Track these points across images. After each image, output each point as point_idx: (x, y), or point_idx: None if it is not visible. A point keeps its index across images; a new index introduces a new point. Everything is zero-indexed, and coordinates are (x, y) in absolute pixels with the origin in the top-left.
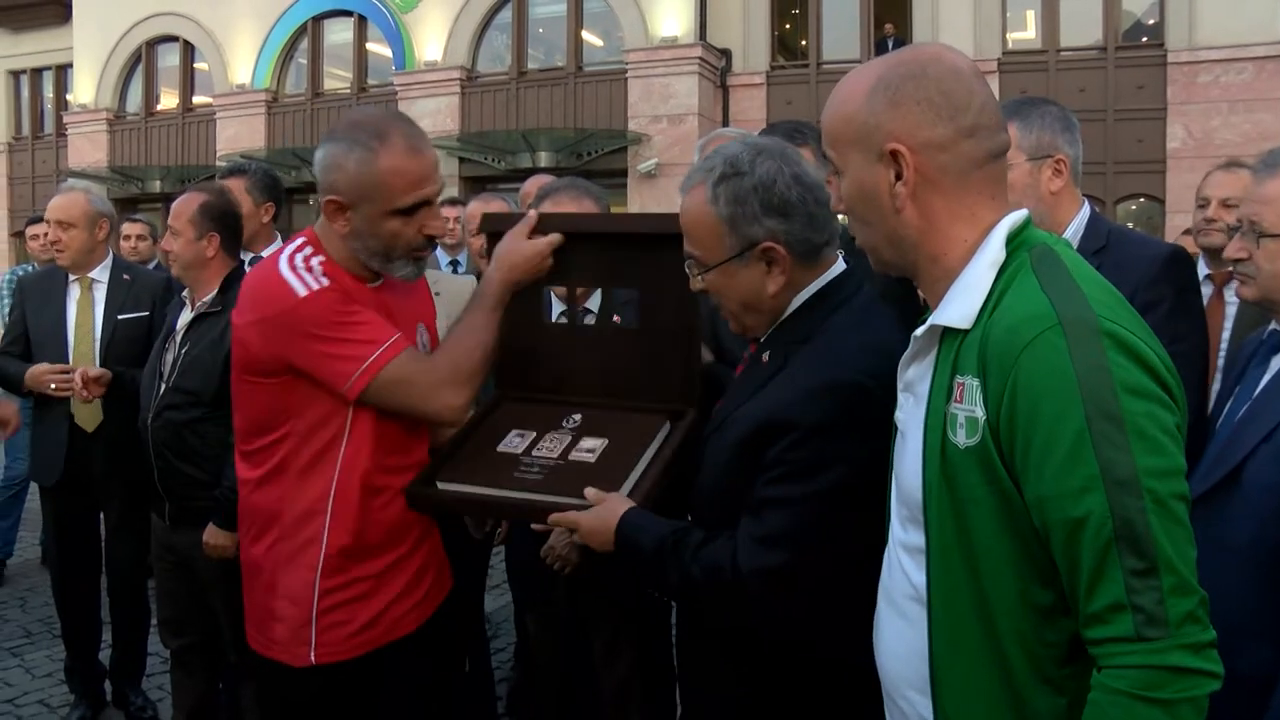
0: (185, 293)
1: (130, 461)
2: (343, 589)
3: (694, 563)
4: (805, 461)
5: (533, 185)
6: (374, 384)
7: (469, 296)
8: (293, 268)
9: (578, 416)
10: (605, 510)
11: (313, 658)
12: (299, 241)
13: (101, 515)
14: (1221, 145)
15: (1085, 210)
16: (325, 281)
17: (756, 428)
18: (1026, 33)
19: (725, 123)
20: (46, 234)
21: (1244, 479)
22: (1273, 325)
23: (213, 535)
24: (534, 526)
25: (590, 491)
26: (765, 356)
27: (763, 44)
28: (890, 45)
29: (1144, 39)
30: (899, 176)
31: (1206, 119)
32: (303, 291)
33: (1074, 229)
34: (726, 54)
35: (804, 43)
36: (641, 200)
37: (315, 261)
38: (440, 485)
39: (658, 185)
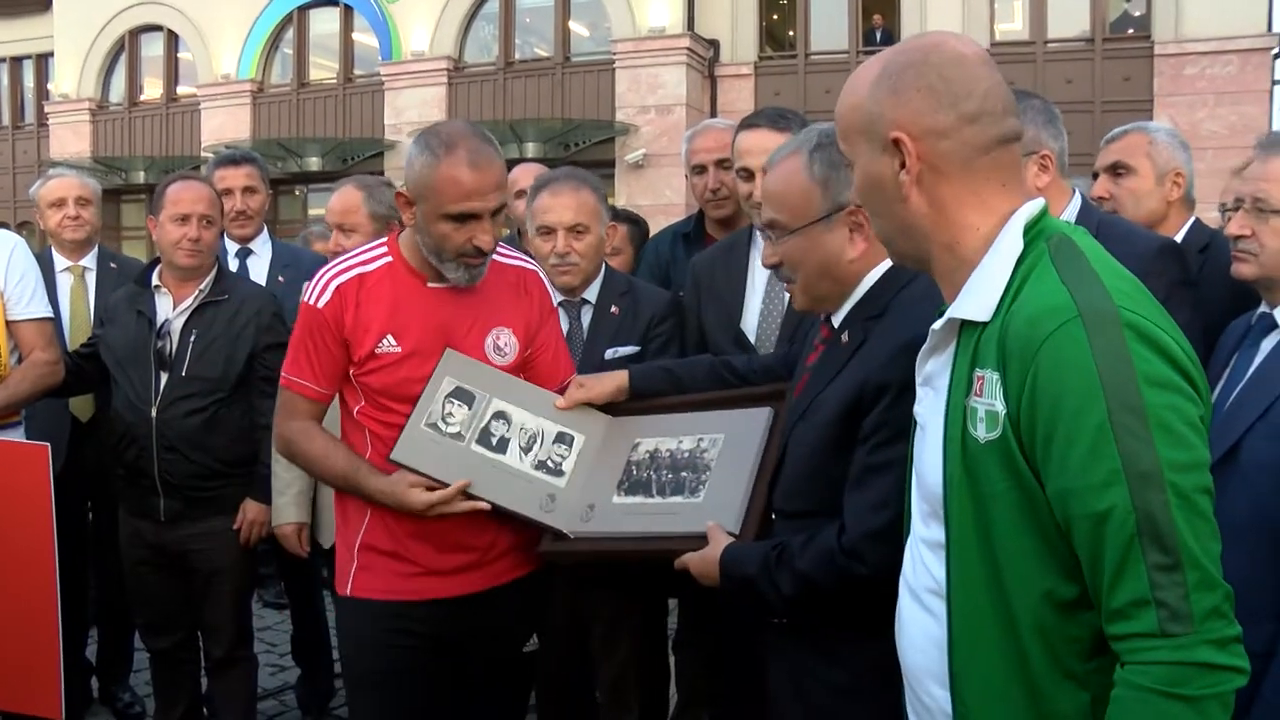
0: (155, 282)
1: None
2: (382, 535)
3: (803, 560)
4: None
5: (520, 173)
6: (283, 393)
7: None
8: (324, 274)
9: (685, 422)
10: (708, 553)
11: (349, 589)
12: (377, 241)
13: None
14: (1207, 137)
15: (1076, 201)
16: (324, 303)
17: (850, 400)
18: (1014, 24)
19: (713, 113)
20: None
21: (1241, 458)
22: (1262, 308)
23: (254, 511)
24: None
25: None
26: (845, 336)
27: (751, 34)
28: (878, 36)
29: (1130, 30)
30: (903, 165)
31: (1192, 111)
32: (304, 296)
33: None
34: (714, 44)
35: (792, 33)
36: (629, 191)
37: (339, 282)
38: (574, 535)
39: (645, 176)
